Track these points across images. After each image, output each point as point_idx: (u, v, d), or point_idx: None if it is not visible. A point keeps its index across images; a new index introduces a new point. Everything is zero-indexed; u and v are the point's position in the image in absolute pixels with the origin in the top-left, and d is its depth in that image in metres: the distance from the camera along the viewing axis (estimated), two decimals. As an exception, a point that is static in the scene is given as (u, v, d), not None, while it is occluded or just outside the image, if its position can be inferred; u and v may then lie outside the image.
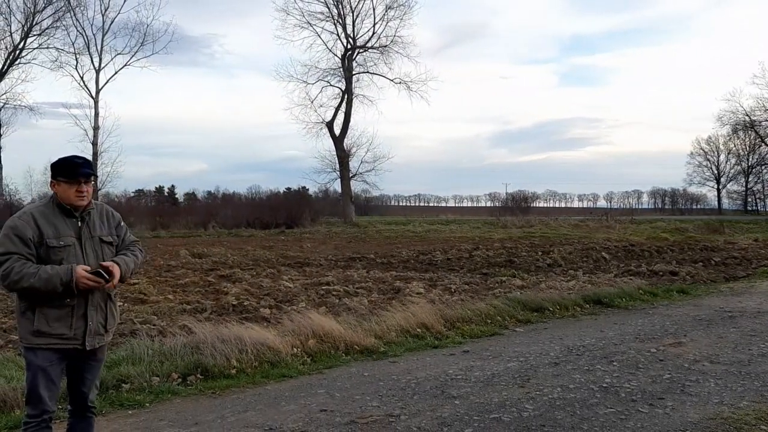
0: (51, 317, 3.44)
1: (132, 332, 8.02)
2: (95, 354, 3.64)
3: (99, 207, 3.69)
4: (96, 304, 3.53)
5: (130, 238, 3.77)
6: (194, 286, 13.02)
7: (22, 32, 42.29)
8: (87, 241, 3.52)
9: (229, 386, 5.92)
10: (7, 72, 42.72)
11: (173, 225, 38.91)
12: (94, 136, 44.02)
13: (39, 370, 3.48)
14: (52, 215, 3.47)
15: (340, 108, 47.96)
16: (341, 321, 8.05)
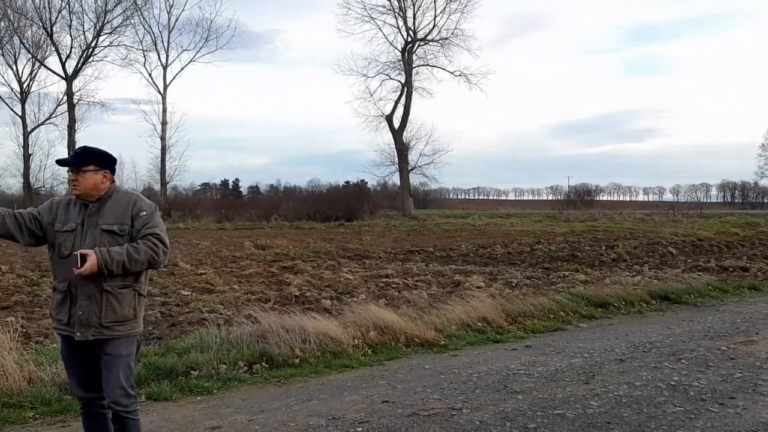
0: (55, 302, 3.56)
1: (200, 321, 8.28)
2: (102, 348, 3.50)
3: (124, 196, 3.62)
4: (89, 294, 3.43)
5: (146, 230, 3.52)
6: (258, 276, 13.32)
7: (94, 31, 43.99)
8: (89, 229, 3.51)
9: (293, 375, 6.04)
10: (81, 70, 44.50)
11: (237, 217, 39.77)
12: (162, 130, 45.48)
13: (61, 356, 3.68)
14: (72, 204, 3.59)
15: (400, 101, 48.00)
16: (401, 313, 8.09)
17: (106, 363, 3.51)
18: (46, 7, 42.99)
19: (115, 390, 3.50)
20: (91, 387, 3.61)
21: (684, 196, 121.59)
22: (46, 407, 5.02)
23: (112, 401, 3.52)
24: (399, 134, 47.80)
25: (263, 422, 4.76)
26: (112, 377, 3.51)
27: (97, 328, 3.45)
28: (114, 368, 3.51)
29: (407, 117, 47.94)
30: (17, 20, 43.08)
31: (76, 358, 3.58)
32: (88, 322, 3.44)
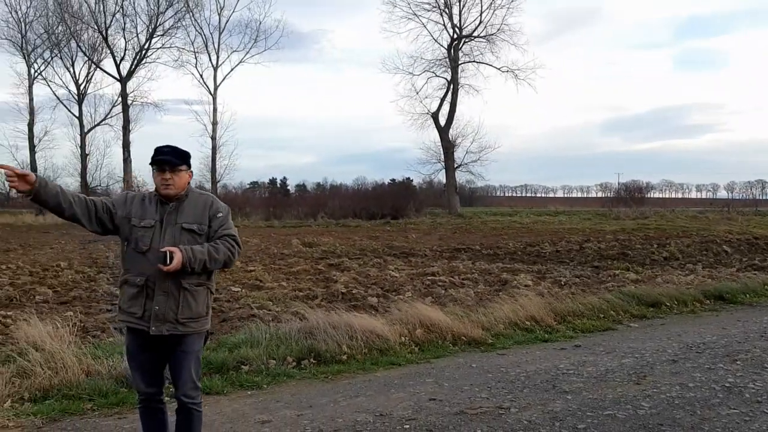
0: (128, 296, 3.59)
1: (250, 317, 8.43)
2: (175, 343, 3.59)
3: (200, 197, 3.72)
4: (166, 289, 3.51)
5: (223, 231, 3.66)
6: (305, 273, 13.47)
7: (147, 33, 45.08)
8: (169, 226, 3.57)
9: (341, 371, 6.11)
10: (135, 71, 45.67)
11: (285, 215, 40.23)
12: (213, 130, 46.31)
13: (127, 351, 3.72)
14: (147, 200, 3.66)
15: (446, 98, 47.79)
16: (448, 312, 8.08)
17: (178, 357, 3.62)
18: (101, 11, 44.33)
19: (186, 383, 3.63)
20: (154, 382, 3.69)
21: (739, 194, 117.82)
22: (103, 399, 5.20)
23: (183, 394, 3.64)
24: (445, 132, 47.60)
25: (312, 417, 4.82)
26: (184, 371, 3.62)
27: (172, 323, 3.53)
28: (186, 363, 3.62)
29: (453, 114, 47.71)
30: (74, 24, 44.50)
31: (144, 353, 3.63)
32: (164, 317, 3.51)
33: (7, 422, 4.67)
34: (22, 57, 44.85)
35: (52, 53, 45.42)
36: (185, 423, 3.70)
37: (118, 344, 6.61)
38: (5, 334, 7.31)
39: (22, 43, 44.56)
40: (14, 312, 8.74)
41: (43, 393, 5.28)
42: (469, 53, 48.19)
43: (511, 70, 47.27)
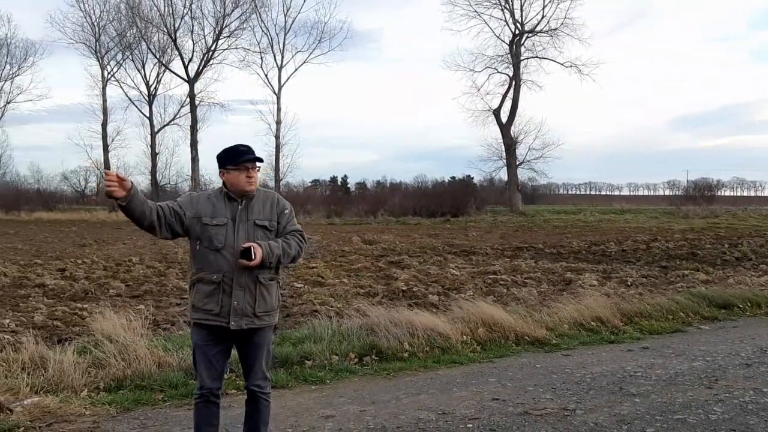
0: (203, 293, 3.64)
1: (312, 312, 8.55)
2: (251, 336, 3.69)
3: (266, 194, 3.82)
4: (243, 285, 3.60)
5: (291, 227, 3.79)
6: (366, 271, 13.57)
7: (214, 35, 46.28)
8: (241, 223, 3.66)
9: (402, 369, 6.13)
10: (202, 72, 46.94)
11: (346, 213, 40.59)
12: (277, 129, 47.17)
13: (197, 347, 3.76)
14: (215, 199, 3.73)
15: (508, 95, 47.20)
16: (510, 311, 7.99)
17: (253, 350, 3.75)
18: (170, 13, 45.75)
19: (258, 374, 3.77)
20: (218, 377, 3.77)
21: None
22: (173, 390, 5.37)
23: (254, 384, 3.77)
24: (507, 128, 47.04)
25: (374, 413, 4.85)
26: (257, 363, 3.76)
27: (250, 317, 3.63)
28: (260, 355, 3.75)
29: (515, 111, 47.10)
30: (144, 27, 46.09)
31: (215, 348, 3.70)
32: (243, 311, 3.61)
33: (83, 410, 4.88)
34: (96, 60, 46.89)
35: (124, 56, 47.32)
36: (255, 413, 3.80)
37: (187, 337, 6.82)
38: (82, 326, 7.64)
39: (96, 47, 46.56)
40: (90, 305, 9.14)
41: (117, 383, 5.50)
42: (531, 48, 47.50)
43: (574, 65, 46.36)
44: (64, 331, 7.54)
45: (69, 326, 7.79)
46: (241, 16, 45.98)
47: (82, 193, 62.39)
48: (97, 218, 38.44)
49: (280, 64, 47.21)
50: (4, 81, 48.11)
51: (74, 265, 14.27)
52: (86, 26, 46.28)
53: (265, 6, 46.46)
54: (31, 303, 9.43)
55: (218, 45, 46.54)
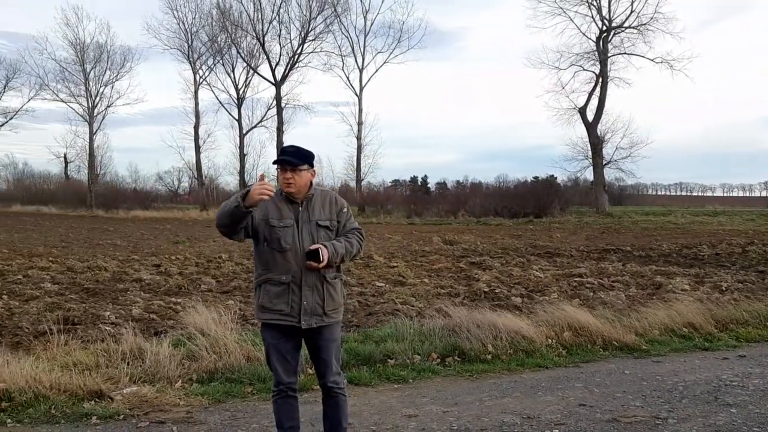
0: (272, 294, 3.71)
1: (394, 312, 8.61)
2: (321, 334, 3.75)
3: (323, 194, 3.86)
4: (311, 284, 3.67)
5: (350, 225, 3.87)
6: (447, 271, 13.53)
7: (299, 39, 47.36)
8: (304, 224, 3.71)
9: (486, 371, 6.08)
10: (288, 75, 48.14)
11: (426, 213, 40.62)
12: (358, 130, 47.73)
13: (270, 345, 3.84)
14: (278, 200, 3.77)
15: (594, 92, 45.83)
16: (597, 315, 7.78)
17: (324, 347, 3.80)
18: (259, 18, 47.11)
19: (331, 370, 3.82)
20: (293, 372, 3.85)
21: None
22: (261, 384, 5.53)
23: (329, 380, 3.82)
24: (593, 127, 45.70)
25: (458, 415, 4.84)
26: (328, 359, 3.81)
27: (320, 316, 3.71)
28: (330, 351, 3.81)
29: (602, 109, 45.68)
30: (234, 32, 47.67)
31: (287, 346, 3.79)
32: (312, 310, 3.69)
33: (178, 401, 5.11)
34: (189, 64, 48.85)
35: (214, 60, 49.10)
36: (333, 408, 3.87)
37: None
38: (176, 320, 7.98)
39: (189, 52, 48.49)
40: (183, 299, 9.54)
41: (209, 375, 5.72)
42: (619, 45, 45.90)
43: (665, 60, 44.45)
44: (159, 324, 7.90)
45: (164, 319, 8.17)
46: (325, 20, 46.86)
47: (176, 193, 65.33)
48: (189, 217, 40.13)
49: (360, 65, 47.80)
50: (104, 86, 50.83)
51: (168, 261, 14.94)
52: (180, 32, 48.36)
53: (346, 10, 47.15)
54: (129, 297, 9.95)
55: (303, 48, 47.62)
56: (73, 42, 49.76)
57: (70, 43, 50.14)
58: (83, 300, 9.67)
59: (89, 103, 50.11)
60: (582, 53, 46.02)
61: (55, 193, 51.17)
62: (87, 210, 45.00)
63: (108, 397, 5.08)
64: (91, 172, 50.76)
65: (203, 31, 48.40)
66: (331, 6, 46.44)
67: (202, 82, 49.37)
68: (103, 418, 4.69)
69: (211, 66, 49.36)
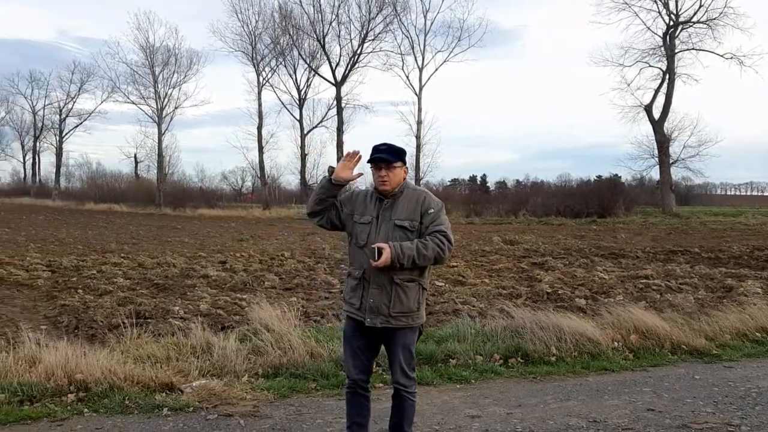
0: (349, 287, 3.82)
1: (454, 311, 8.59)
2: (389, 336, 3.74)
3: (413, 193, 3.79)
4: (380, 284, 3.67)
5: (434, 228, 3.71)
6: (508, 271, 13.40)
7: (359, 39, 47.72)
8: (383, 222, 3.72)
9: (549, 373, 6.01)
10: (348, 76, 48.57)
11: (485, 212, 40.28)
12: (417, 129, 47.69)
13: (344, 337, 3.91)
14: (368, 197, 3.84)
15: (660, 89, 44.47)
16: (665, 318, 7.57)
17: (390, 349, 3.81)
18: (319, 20, 47.69)
19: (397, 372, 3.80)
20: (363, 370, 3.88)
21: None
22: (325, 380, 5.61)
23: (395, 381, 3.82)
24: (659, 125, 44.34)
25: (521, 417, 4.80)
26: (395, 361, 3.80)
27: (385, 317, 3.69)
28: (397, 354, 3.79)
29: (669, 106, 44.26)
30: (296, 34, 48.40)
31: (358, 341, 3.84)
32: (378, 310, 3.69)
33: (244, 395, 5.23)
34: (253, 66, 49.80)
35: (277, 62, 49.96)
36: (400, 410, 3.87)
37: (336, 330, 7.12)
38: (241, 315, 8.18)
39: (252, 54, 49.43)
40: (248, 295, 9.77)
41: (273, 370, 5.83)
42: (687, 40, 44.38)
43: (735, 56, 42.78)
44: (225, 319, 8.11)
45: (230, 315, 8.38)
46: (385, 20, 47.03)
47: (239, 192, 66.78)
48: (252, 215, 40.97)
49: (420, 65, 47.70)
50: (172, 88, 52.39)
51: (233, 258, 15.30)
52: (243, 35, 49.34)
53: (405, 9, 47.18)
54: (197, 292, 10.25)
55: (363, 49, 47.94)
56: (144, 46, 51.55)
57: (140, 47, 52.00)
58: (153, 295, 10.02)
59: (158, 105, 51.78)
60: (648, 49, 44.75)
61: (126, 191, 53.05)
62: (156, 208, 46.48)
63: (178, 389, 5.24)
64: (159, 172, 52.46)
65: (266, 34, 49.33)
66: (390, 5, 46.59)
67: (265, 83, 50.30)
68: (174, 410, 4.84)
69: (274, 68, 50.29)
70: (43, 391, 4.99)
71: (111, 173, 62.44)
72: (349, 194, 3.97)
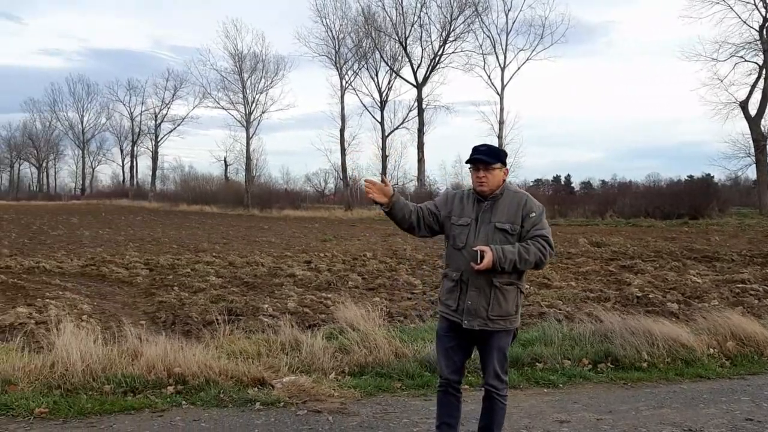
0: (446, 288, 3.82)
1: (540, 314, 8.47)
2: (485, 338, 3.72)
3: (515, 196, 3.75)
4: (479, 286, 3.65)
5: (535, 232, 3.67)
6: (595, 274, 13.06)
7: (440, 40, 47.77)
8: (483, 225, 3.68)
9: (641, 379, 5.83)
10: (429, 77, 48.66)
11: (570, 213, 39.30)
12: (499, 129, 47.17)
13: (438, 337, 3.92)
14: (466, 199, 3.82)
15: (757, 85, 41.98)
16: (765, 324, 7.19)
17: (485, 351, 3.80)
18: (401, 22, 48.01)
19: (490, 374, 3.79)
20: (456, 370, 3.87)
21: None
22: (410, 380, 5.66)
23: (487, 383, 3.82)
24: (756, 122, 41.90)
25: (612, 423, 4.70)
26: (489, 364, 3.79)
27: (483, 319, 3.67)
28: (491, 356, 3.77)
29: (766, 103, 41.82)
30: (378, 37, 48.89)
31: (452, 342, 3.84)
32: (476, 312, 3.67)
33: (332, 392, 5.34)
34: (336, 70, 50.71)
35: (359, 65, 50.65)
36: (490, 412, 3.85)
37: (420, 330, 7.17)
38: (327, 314, 8.36)
39: (336, 58, 50.32)
40: (332, 295, 9.97)
41: (359, 369, 5.92)
42: (787, 33, 41.75)
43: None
44: (312, 317, 8.31)
45: (316, 313, 8.58)
46: (466, 20, 46.80)
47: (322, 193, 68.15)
48: (334, 216, 41.65)
49: (502, 64, 47.18)
50: (259, 93, 54.07)
51: (318, 258, 15.64)
52: (327, 39, 50.30)
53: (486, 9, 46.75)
54: (284, 291, 10.54)
55: (444, 50, 47.91)
56: (232, 53, 53.52)
57: (229, 54, 54.03)
58: (243, 293, 10.39)
59: (246, 110, 53.57)
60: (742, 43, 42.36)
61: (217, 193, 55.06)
62: (244, 209, 48.03)
63: (269, 384, 5.42)
64: (247, 174, 54.25)
65: (349, 38, 50.08)
66: (471, 6, 46.30)
67: (348, 86, 51.08)
68: (265, 404, 5.01)
69: (356, 71, 51.00)
70: (145, 383, 5.27)
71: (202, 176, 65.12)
72: (443, 197, 3.99)
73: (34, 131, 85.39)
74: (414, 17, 47.79)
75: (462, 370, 3.96)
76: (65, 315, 7.59)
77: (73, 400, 4.90)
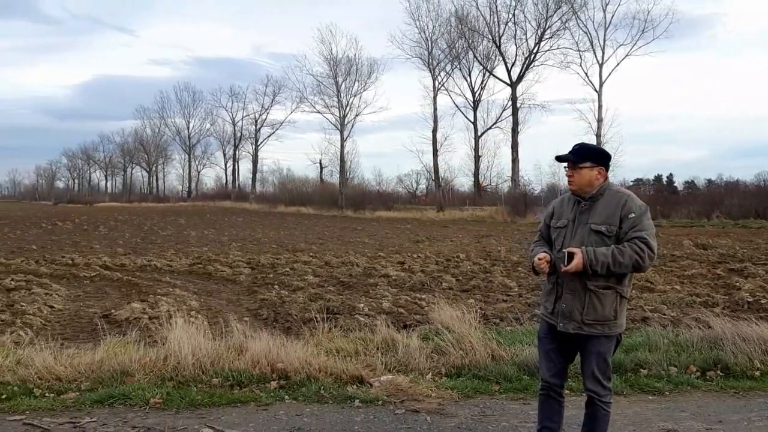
0: (545, 291, 3.82)
1: (643, 319, 8.17)
2: (581, 342, 3.65)
3: (615, 195, 3.63)
4: (573, 289, 3.58)
5: (633, 234, 3.51)
6: (701, 278, 12.47)
7: (535, 38, 46.89)
8: (579, 226, 3.61)
9: (753, 388, 5.53)
10: (524, 75, 47.91)
11: (673, 214, 37.57)
12: (598, 127, 45.69)
13: (538, 339, 3.89)
14: (567, 200, 3.77)
15: None
16: None
17: (583, 355, 3.72)
18: (495, 21, 47.51)
19: (589, 379, 3.69)
20: (557, 374, 3.80)
21: None
22: (508, 383, 5.60)
23: (587, 388, 3.73)
24: None
25: (723, 433, 4.49)
26: (588, 368, 3.70)
27: (577, 323, 3.60)
28: (589, 361, 3.67)
29: None
30: (471, 37, 48.60)
31: (551, 345, 3.79)
32: (570, 315, 3.62)
33: (429, 392, 5.37)
34: (429, 72, 50.83)
35: (452, 66, 50.61)
36: (592, 419, 3.75)
37: (516, 333, 7.08)
38: (421, 314, 8.42)
39: (428, 59, 50.43)
40: (426, 296, 10.02)
41: (456, 370, 5.92)
42: None
43: None
44: (406, 317, 8.39)
45: (410, 314, 8.65)
46: (562, 17, 45.68)
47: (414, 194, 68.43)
48: (427, 217, 41.73)
49: (600, 60, 45.68)
50: (353, 96, 55.02)
51: (411, 259, 15.74)
52: (420, 41, 50.51)
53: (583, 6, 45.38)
54: (378, 291, 10.70)
55: (540, 47, 46.99)
56: (327, 58, 54.73)
57: (324, 59, 55.30)
58: (340, 292, 10.62)
59: (340, 113, 54.63)
60: None
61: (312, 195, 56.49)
62: (338, 210, 49.00)
63: (367, 383, 5.51)
64: (342, 176, 55.34)
65: (442, 39, 50.04)
66: (567, 3, 45.11)
67: (440, 87, 51.07)
68: (364, 402, 5.10)
69: (449, 72, 50.96)
70: (250, 378, 5.50)
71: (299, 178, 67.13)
72: (551, 206, 3.99)
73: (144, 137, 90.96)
74: (508, 15, 47.19)
75: (563, 373, 3.88)
76: (175, 311, 8.03)
77: (185, 391, 5.17)
